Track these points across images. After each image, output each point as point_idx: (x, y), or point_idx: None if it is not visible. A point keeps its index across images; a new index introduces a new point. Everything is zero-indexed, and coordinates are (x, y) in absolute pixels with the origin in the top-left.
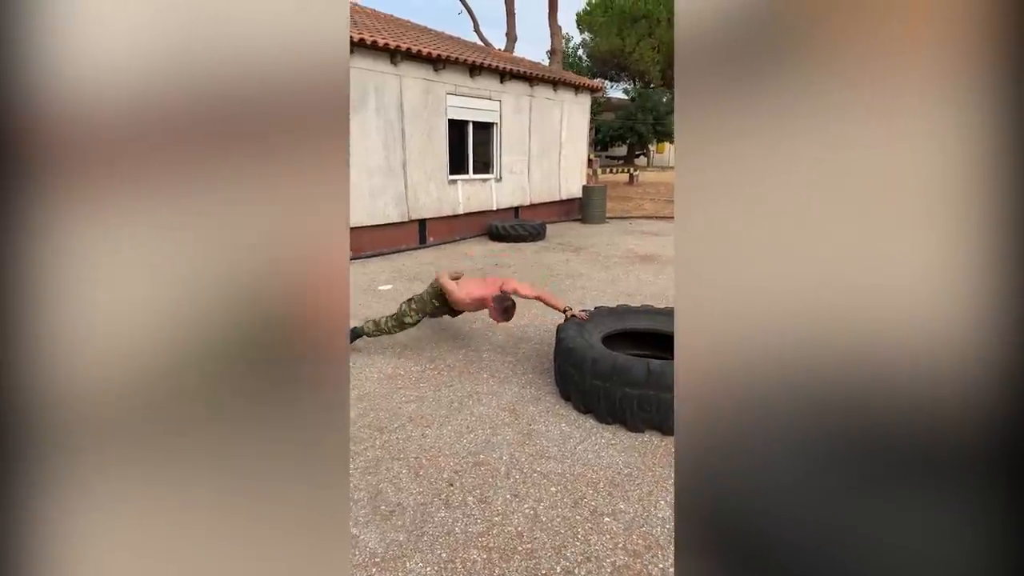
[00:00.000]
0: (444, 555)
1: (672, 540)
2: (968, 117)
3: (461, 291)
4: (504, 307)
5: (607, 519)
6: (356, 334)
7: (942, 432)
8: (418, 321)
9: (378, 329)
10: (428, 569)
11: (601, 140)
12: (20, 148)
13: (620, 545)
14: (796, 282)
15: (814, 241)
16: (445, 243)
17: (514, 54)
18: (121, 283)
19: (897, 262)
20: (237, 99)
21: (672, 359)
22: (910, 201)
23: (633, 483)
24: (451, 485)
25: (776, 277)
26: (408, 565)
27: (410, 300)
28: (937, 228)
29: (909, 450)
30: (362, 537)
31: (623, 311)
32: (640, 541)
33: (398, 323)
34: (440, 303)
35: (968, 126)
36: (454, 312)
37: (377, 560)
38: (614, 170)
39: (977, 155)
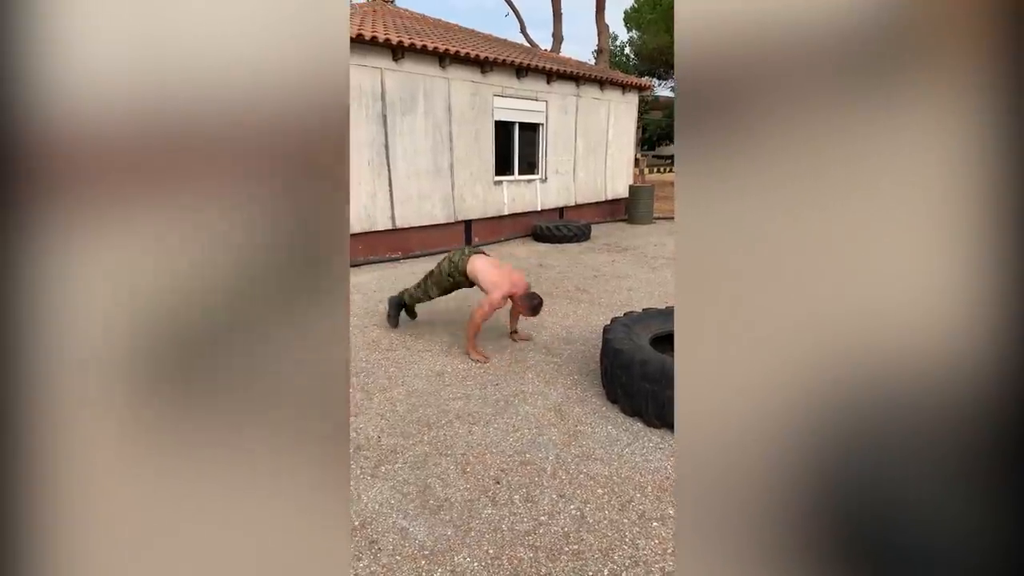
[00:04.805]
0: (491, 551)
1: None
2: (974, 129)
3: (491, 285)
4: (532, 305)
5: (655, 524)
6: (398, 304)
7: (942, 433)
8: (438, 295)
9: (411, 299)
10: (475, 564)
11: (648, 139)
12: (13, 155)
13: (669, 551)
14: (795, 286)
15: (814, 247)
16: (490, 244)
17: (561, 54)
18: (119, 285)
19: (902, 271)
20: (235, 105)
21: None
22: (915, 209)
23: None
24: (497, 483)
25: (775, 282)
26: (456, 559)
27: (428, 275)
28: (938, 233)
29: (909, 451)
30: (411, 530)
31: (672, 313)
32: None
33: (424, 294)
34: (456, 279)
35: (976, 138)
36: (471, 284)
37: (426, 553)
38: (662, 169)
39: (983, 164)
